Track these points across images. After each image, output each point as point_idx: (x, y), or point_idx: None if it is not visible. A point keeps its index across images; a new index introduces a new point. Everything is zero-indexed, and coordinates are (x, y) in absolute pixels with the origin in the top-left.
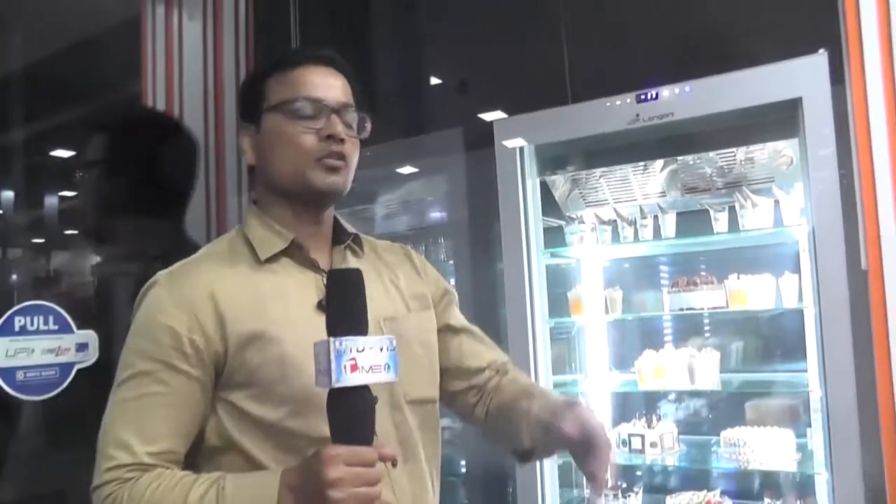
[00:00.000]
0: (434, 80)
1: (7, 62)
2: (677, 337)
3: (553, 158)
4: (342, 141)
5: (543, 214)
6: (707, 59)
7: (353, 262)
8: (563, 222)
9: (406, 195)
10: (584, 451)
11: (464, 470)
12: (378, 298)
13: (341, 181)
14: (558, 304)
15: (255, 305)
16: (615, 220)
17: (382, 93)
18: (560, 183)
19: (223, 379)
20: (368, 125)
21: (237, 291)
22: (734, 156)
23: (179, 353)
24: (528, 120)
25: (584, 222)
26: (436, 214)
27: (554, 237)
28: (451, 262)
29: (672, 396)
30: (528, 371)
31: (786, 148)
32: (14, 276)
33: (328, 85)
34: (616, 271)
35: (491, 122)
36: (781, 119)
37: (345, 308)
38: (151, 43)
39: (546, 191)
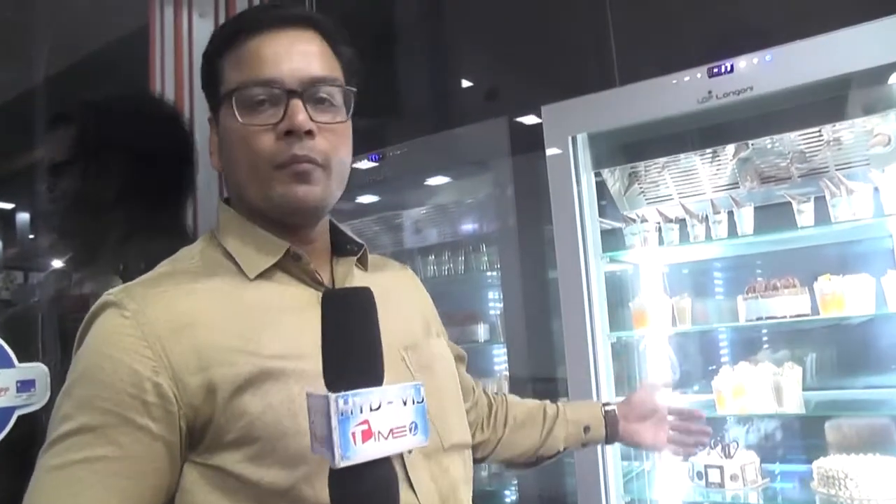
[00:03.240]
0: (466, 83)
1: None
2: (744, 351)
3: (607, 150)
4: (309, 134)
5: (598, 215)
6: (790, 22)
7: (358, 279)
8: (620, 224)
9: (444, 199)
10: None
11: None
12: (395, 321)
13: (316, 191)
14: (615, 315)
15: (248, 336)
16: (683, 219)
17: (412, 96)
18: (616, 178)
19: (207, 439)
20: (352, 98)
21: (222, 320)
22: (820, 136)
23: (138, 401)
24: (582, 104)
25: (646, 221)
26: (473, 222)
27: (609, 241)
28: (493, 272)
29: (731, 419)
30: (588, 393)
31: (879, 125)
32: None
33: (291, 56)
34: (678, 277)
35: (532, 125)
36: (876, 89)
37: (351, 346)
38: (160, 44)
39: (599, 189)
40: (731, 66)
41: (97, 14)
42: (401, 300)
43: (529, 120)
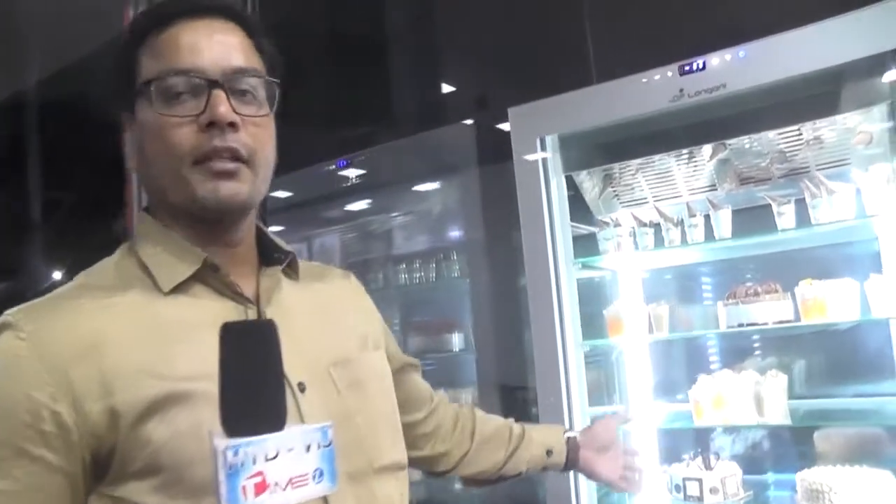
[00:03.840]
0: (439, 86)
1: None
2: (730, 358)
3: (579, 151)
4: (232, 127)
5: (570, 219)
6: (763, 16)
7: (287, 290)
8: (594, 228)
9: (414, 206)
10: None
11: None
12: (324, 337)
13: (241, 189)
14: (590, 324)
15: (158, 357)
16: (658, 223)
17: (379, 100)
18: (589, 181)
19: (112, 469)
20: (275, 93)
21: (131, 339)
22: (800, 135)
23: (35, 431)
24: (550, 105)
25: (620, 225)
26: (449, 228)
27: (583, 247)
28: (469, 280)
29: (719, 428)
30: (559, 404)
31: (861, 123)
32: None
33: (211, 45)
34: (657, 283)
35: (502, 128)
36: (857, 85)
37: (246, 387)
38: None
39: (571, 193)
40: (704, 64)
41: (76, 22)
42: (336, 312)
43: (499, 122)
